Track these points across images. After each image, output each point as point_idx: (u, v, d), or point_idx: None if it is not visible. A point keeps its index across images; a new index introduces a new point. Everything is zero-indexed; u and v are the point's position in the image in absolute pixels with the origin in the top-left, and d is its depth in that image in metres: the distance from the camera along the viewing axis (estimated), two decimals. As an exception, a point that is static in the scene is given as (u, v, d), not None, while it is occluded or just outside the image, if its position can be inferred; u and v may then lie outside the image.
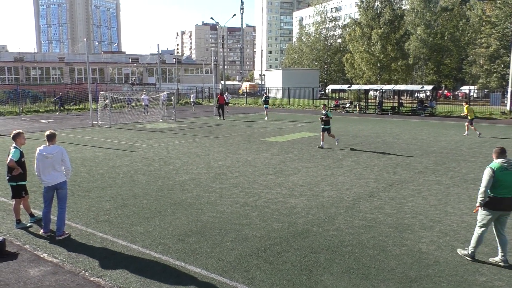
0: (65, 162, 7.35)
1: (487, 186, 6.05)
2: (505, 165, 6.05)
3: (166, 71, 68.45)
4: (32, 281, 5.75)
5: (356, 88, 42.41)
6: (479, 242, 6.27)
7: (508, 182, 6.01)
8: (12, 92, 42.53)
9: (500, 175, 6.01)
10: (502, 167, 6.04)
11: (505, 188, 6.01)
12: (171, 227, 7.72)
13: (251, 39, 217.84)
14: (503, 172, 6.01)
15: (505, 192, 6.02)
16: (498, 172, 6.02)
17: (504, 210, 6.10)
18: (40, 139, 19.19)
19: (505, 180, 6.01)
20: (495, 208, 6.07)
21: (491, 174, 6.02)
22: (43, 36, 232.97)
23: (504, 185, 6.01)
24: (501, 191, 6.02)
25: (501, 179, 6.00)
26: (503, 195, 6.02)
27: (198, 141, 18.92)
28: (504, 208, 6.07)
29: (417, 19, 57.05)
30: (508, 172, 6.02)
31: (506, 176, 6.01)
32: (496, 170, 6.03)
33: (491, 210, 6.09)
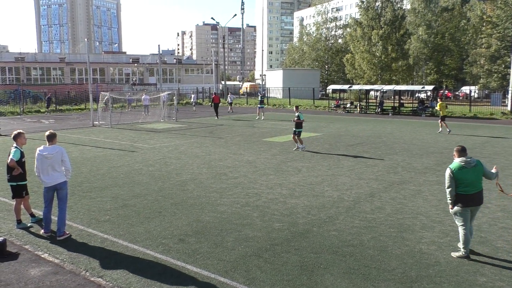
0: (64, 162, 7.35)
1: (450, 186, 6.32)
2: (463, 164, 6.30)
3: (166, 71, 68.48)
4: (33, 281, 5.76)
5: (356, 88, 42.42)
6: (468, 240, 6.41)
7: (469, 180, 6.26)
8: (13, 92, 42.60)
9: (459, 174, 6.26)
10: (460, 166, 6.30)
11: (469, 185, 6.26)
12: (172, 227, 7.73)
13: (252, 39, 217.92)
14: (461, 171, 6.26)
15: (469, 189, 6.27)
16: (457, 171, 6.29)
17: (473, 205, 6.40)
18: (41, 139, 19.20)
19: (466, 178, 6.25)
20: (467, 204, 6.35)
21: (450, 175, 6.32)
22: (44, 36, 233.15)
23: (466, 182, 6.26)
24: (465, 188, 6.27)
25: (461, 178, 6.26)
26: (468, 191, 6.28)
27: (198, 141, 18.92)
28: (474, 203, 6.38)
29: (418, 19, 56.99)
30: (466, 170, 6.26)
31: (465, 174, 6.25)
32: (454, 170, 6.31)
33: (465, 207, 6.36)
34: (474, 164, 6.35)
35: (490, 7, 47.91)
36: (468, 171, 6.28)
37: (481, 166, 6.38)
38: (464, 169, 6.28)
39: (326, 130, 23.45)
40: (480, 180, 6.39)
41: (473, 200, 6.34)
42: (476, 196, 6.34)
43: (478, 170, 6.34)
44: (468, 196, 6.30)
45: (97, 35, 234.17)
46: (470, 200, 6.32)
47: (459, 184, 6.30)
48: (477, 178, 6.33)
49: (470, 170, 6.30)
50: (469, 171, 6.28)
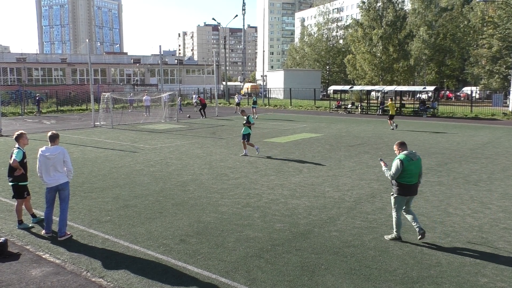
0: (66, 163, 7.35)
1: (395, 175, 6.89)
2: (410, 157, 6.91)
3: (168, 72, 68.56)
4: (34, 281, 5.76)
5: (358, 89, 42.40)
6: (400, 224, 7.07)
7: (413, 171, 6.91)
8: (15, 93, 42.66)
9: (407, 165, 6.85)
10: (409, 158, 6.88)
11: (412, 177, 6.91)
12: (173, 228, 7.73)
13: (253, 40, 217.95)
14: (409, 163, 6.86)
15: (412, 179, 6.93)
16: (406, 162, 6.85)
17: (412, 195, 7.05)
18: (42, 140, 19.23)
19: (411, 169, 6.88)
20: (405, 194, 6.97)
21: (400, 165, 6.84)
22: (45, 37, 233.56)
23: (411, 173, 6.88)
24: (408, 179, 6.89)
25: (408, 169, 6.86)
26: (410, 182, 6.92)
27: (200, 142, 18.93)
28: (411, 193, 7.02)
29: (419, 20, 56.96)
30: (413, 162, 6.89)
31: (411, 166, 6.88)
32: (404, 161, 6.85)
33: (403, 196, 6.98)
34: (418, 158, 7.00)
35: (491, 8, 47.85)
36: (413, 163, 6.90)
37: (421, 161, 7.08)
38: (411, 161, 6.88)
39: (327, 130, 23.45)
40: (418, 173, 7.03)
41: (412, 190, 6.99)
42: (414, 187, 7.01)
43: (419, 163, 7.01)
44: (411, 186, 6.94)
45: (99, 36, 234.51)
46: (410, 190, 6.97)
47: (405, 174, 6.86)
48: (417, 170, 6.98)
49: (415, 162, 6.92)
50: (414, 163, 6.91)
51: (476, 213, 8.56)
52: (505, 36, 44.19)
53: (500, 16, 44.24)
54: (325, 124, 26.87)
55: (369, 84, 52.16)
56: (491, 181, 11.38)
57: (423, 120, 30.28)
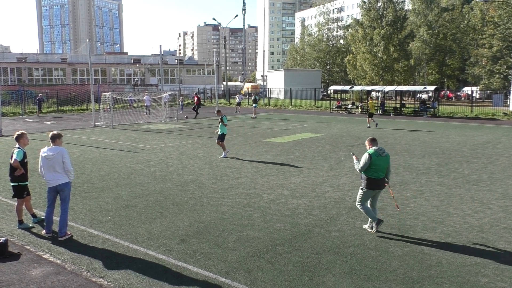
0: (65, 164, 7.27)
1: (363, 168, 7.26)
2: (378, 152, 7.24)
3: (168, 72, 68.57)
4: (35, 281, 5.76)
5: (358, 89, 42.39)
6: (371, 213, 7.44)
7: (381, 166, 7.25)
8: (15, 93, 42.67)
9: (375, 160, 7.19)
10: (377, 153, 7.23)
11: (379, 171, 7.26)
12: (173, 228, 7.73)
13: (253, 40, 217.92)
14: (377, 158, 7.21)
15: (379, 174, 7.27)
16: (374, 157, 7.20)
17: (378, 189, 7.39)
18: (42, 140, 19.24)
19: (379, 164, 7.22)
20: (373, 187, 7.31)
21: (368, 159, 7.19)
22: (46, 37, 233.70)
23: (378, 168, 7.23)
24: (376, 173, 7.25)
25: (376, 164, 7.21)
26: (378, 176, 7.27)
27: (200, 142, 18.93)
28: (378, 187, 7.36)
29: (419, 20, 56.96)
30: (381, 158, 7.23)
31: (379, 161, 7.22)
32: (372, 156, 7.20)
33: (370, 190, 7.33)
34: (385, 154, 7.34)
35: (492, 8, 47.84)
36: (381, 158, 7.25)
37: (389, 157, 7.42)
38: (379, 157, 7.23)
39: (328, 130, 23.45)
40: (386, 168, 7.37)
41: (379, 184, 7.34)
42: (381, 181, 7.36)
43: (387, 159, 7.34)
44: (378, 180, 7.29)
45: (99, 36, 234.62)
46: (377, 184, 7.32)
47: (372, 169, 7.22)
48: (385, 166, 7.33)
49: (383, 158, 7.27)
50: (382, 159, 7.25)
51: (477, 213, 8.56)
52: (505, 36, 44.18)
53: (501, 16, 44.24)
54: (325, 124, 26.87)
55: (369, 84, 52.18)
56: (492, 181, 11.37)
57: (423, 120, 30.27)
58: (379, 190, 7.44)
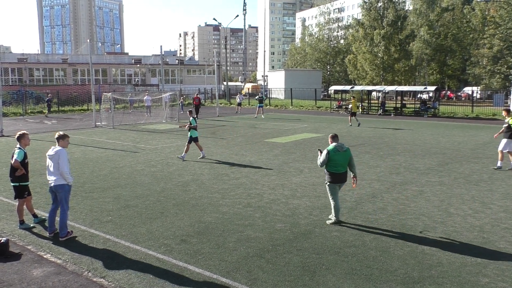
0: (59, 165, 7.20)
1: (322, 163, 7.79)
2: (337, 148, 7.74)
3: (169, 72, 68.60)
4: (36, 281, 5.77)
5: (358, 89, 42.36)
6: (338, 209, 7.90)
7: (340, 161, 7.74)
8: (16, 93, 42.70)
9: (334, 155, 7.69)
10: (335, 149, 7.73)
11: (338, 166, 7.74)
12: (174, 228, 7.74)
13: (254, 40, 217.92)
14: (336, 153, 7.71)
15: (339, 168, 7.76)
16: (332, 153, 7.70)
17: (340, 182, 7.88)
18: (43, 140, 19.28)
19: (338, 159, 7.71)
20: (335, 181, 7.83)
21: (326, 155, 7.69)
22: (47, 37, 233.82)
23: (338, 163, 7.72)
24: (336, 168, 7.74)
25: (335, 159, 7.70)
26: (338, 171, 7.76)
27: (200, 142, 18.90)
28: (340, 180, 7.85)
29: (420, 20, 56.93)
30: (339, 153, 7.73)
31: (338, 156, 7.71)
32: (331, 152, 7.70)
33: (334, 183, 7.84)
34: (345, 149, 7.81)
35: (493, 7, 47.81)
36: (340, 154, 7.73)
37: (349, 153, 7.88)
38: (338, 152, 7.71)
39: (328, 130, 23.44)
40: (347, 163, 7.85)
41: (341, 178, 7.82)
42: (343, 175, 7.82)
43: (347, 155, 7.82)
44: (339, 174, 7.77)
45: (100, 36, 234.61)
46: (339, 178, 7.80)
47: (332, 164, 7.71)
48: (345, 161, 7.80)
49: (342, 153, 7.75)
50: (341, 154, 7.74)
51: (477, 213, 8.56)
52: (506, 36, 44.15)
53: (502, 16, 44.20)
54: (326, 124, 26.87)
55: (370, 84, 52.15)
56: (492, 181, 11.37)
57: (424, 120, 30.25)
58: (341, 184, 7.92)
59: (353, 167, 7.95)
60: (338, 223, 7.84)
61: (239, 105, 39.77)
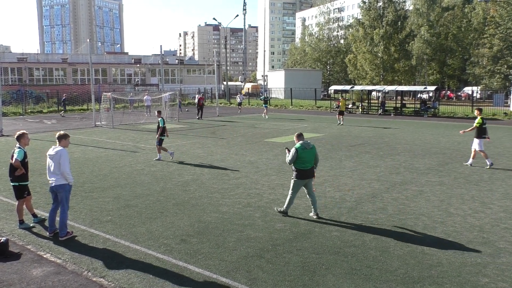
0: (61, 165, 7.20)
1: (291, 161, 8.14)
2: (304, 146, 8.13)
3: (168, 71, 68.59)
4: (35, 281, 5.77)
5: (358, 88, 42.37)
6: (291, 202, 8.36)
7: (307, 158, 8.13)
8: (16, 92, 42.69)
9: (302, 153, 8.07)
10: (303, 147, 8.11)
11: (306, 162, 8.12)
12: (174, 228, 7.73)
13: (254, 39, 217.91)
14: (303, 151, 8.08)
15: (306, 165, 8.14)
16: (300, 151, 8.07)
17: (308, 178, 8.26)
18: (43, 140, 19.28)
19: (305, 157, 8.10)
20: (302, 177, 8.18)
21: (295, 153, 8.07)
22: (46, 37, 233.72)
23: (305, 160, 8.11)
24: (303, 165, 8.12)
25: (303, 156, 8.08)
26: (305, 167, 8.14)
27: (200, 142, 18.94)
28: (307, 176, 8.23)
29: (421, 20, 56.91)
30: (306, 150, 8.11)
31: (305, 153, 8.09)
32: (299, 150, 8.07)
33: (300, 179, 8.20)
34: (311, 147, 8.22)
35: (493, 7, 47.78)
36: (307, 151, 8.12)
37: (315, 149, 8.31)
38: (305, 150, 8.10)
39: (328, 130, 23.45)
40: (313, 159, 8.25)
41: (308, 174, 8.20)
42: (309, 171, 8.22)
43: (312, 152, 8.22)
44: (306, 171, 8.15)
45: (99, 36, 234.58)
46: (306, 174, 8.18)
47: (300, 161, 8.07)
48: (311, 158, 8.20)
49: (309, 150, 8.15)
50: (307, 151, 8.13)
51: (477, 213, 8.56)
52: (506, 35, 44.12)
53: (502, 16, 44.17)
54: (326, 124, 26.86)
55: (370, 84, 52.14)
56: (492, 181, 11.37)
57: (424, 120, 30.25)
58: (308, 179, 8.29)
59: (317, 161, 8.44)
60: (286, 214, 8.35)
61: (240, 104, 39.80)
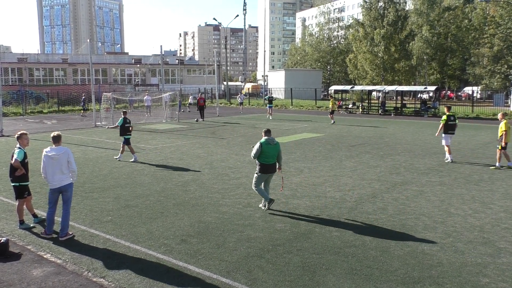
0: (71, 163, 7.32)
1: (255, 155, 8.54)
2: (268, 141, 8.55)
3: (169, 72, 68.59)
4: (35, 281, 5.77)
5: (359, 88, 42.35)
6: (264, 194, 8.70)
7: (270, 153, 8.55)
8: (16, 93, 42.70)
9: (265, 148, 8.50)
10: (267, 142, 8.55)
11: (269, 157, 8.55)
12: (174, 228, 7.73)
13: (254, 40, 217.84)
14: (267, 146, 8.52)
15: (269, 160, 8.57)
16: (264, 145, 8.50)
17: (270, 173, 8.72)
18: (43, 140, 19.27)
19: (268, 152, 8.52)
20: (265, 171, 8.64)
21: (259, 147, 8.49)
22: (47, 37, 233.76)
23: (268, 155, 8.53)
24: (266, 159, 8.55)
25: (266, 151, 8.50)
26: (268, 162, 8.57)
27: (200, 142, 18.94)
28: (270, 171, 8.68)
29: (421, 20, 56.89)
30: (270, 146, 8.53)
31: (269, 149, 8.51)
32: (263, 144, 8.50)
33: (263, 174, 8.64)
34: (275, 143, 8.63)
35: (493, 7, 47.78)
36: (271, 147, 8.55)
37: (278, 146, 8.70)
38: (269, 145, 8.52)
39: (328, 130, 23.44)
40: (276, 155, 8.67)
41: (270, 168, 8.63)
42: (272, 166, 8.65)
43: (276, 148, 8.65)
44: (268, 165, 8.58)
45: (100, 36, 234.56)
46: (268, 168, 8.61)
47: (263, 156, 8.50)
48: (274, 154, 8.63)
49: (272, 146, 8.58)
50: (271, 147, 8.55)
51: (478, 213, 8.55)
52: (506, 35, 44.11)
53: (502, 16, 44.16)
54: (326, 124, 26.86)
55: (370, 84, 52.14)
56: (493, 181, 11.36)
57: (424, 120, 30.24)
58: (270, 174, 8.73)
59: (280, 159, 8.82)
60: (273, 202, 8.68)
61: (241, 104, 39.81)
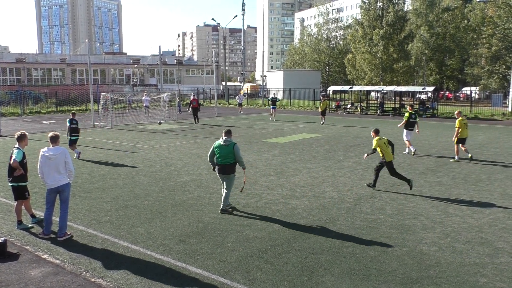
0: (68, 163, 7.33)
1: (209, 156, 8.87)
2: (222, 142, 8.68)
3: (167, 72, 68.55)
4: (34, 282, 5.76)
5: (357, 89, 42.37)
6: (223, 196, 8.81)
7: (222, 154, 8.64)
8: (14, 93, 42.62)
9: (217, 148, 8.70)
10: (219, 144, 8.71)
11: (221, 158, 8.67)
12: (172, 228, 7.73)
13: (253, 40, 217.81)
14: (219, 146, 8.68)
15: (221, 160, 8.68)
16: (216, 146, 8.71)
17: (225, 174, 8.74)
18: (41, 140, 19.22)
19: (220, 152, 8.66)
20: (219, 171, 8.76)
21: (213, 147, 8.78)
22: (45, 37, 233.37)
23: (221, 155, 8.66)
24: (218, 159, 8.71)
25: (218, 152, 8.69)
26: (220, 162, 8.70)
27: (199, 142, 18.93)
28: (224, 172, 8.72)
29: (420, 20, 56.95)
30: (222, 146, 8.66)
31: (221, 149, 8.66)
32: (214, 145, 8.77)
33: (218, 174, 8.84)
34: (229, 144, 8.67)
35: (491, 8, 47.87)
36: (223, 147, 8.65)
37: (232, 147, 8.66)
38: (222, 145, 8.66)
39: (327, 131, 23.45)
40: (230, 157, 8.62)
41: (223, 169, 8.67)
42: (226, 167, 8.66)
43: (229, 149, 8.65)
44: (221, 166, 8.68)
45: (98, 36, 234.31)
46: (221, 169, 8.70)
47: (216, 156, 8.70)
48: (227, 154, 8.63)
49: (225, 147, 8.65)
50: (224, 148, 8.65)
51: (476, 213, 8.57)
52: (504, 36, 44.21)
53: (500, 16, 44.26)
54: (324, 125, 26.87)
55: (368, 85, 52.16)
56: (491, 181, 11.38)
57: (422, 121, 30.18)
58: (226, 175, 8.74)
59: (239, 161, 8.73)
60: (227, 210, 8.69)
61: (240, 105, 39.77)
